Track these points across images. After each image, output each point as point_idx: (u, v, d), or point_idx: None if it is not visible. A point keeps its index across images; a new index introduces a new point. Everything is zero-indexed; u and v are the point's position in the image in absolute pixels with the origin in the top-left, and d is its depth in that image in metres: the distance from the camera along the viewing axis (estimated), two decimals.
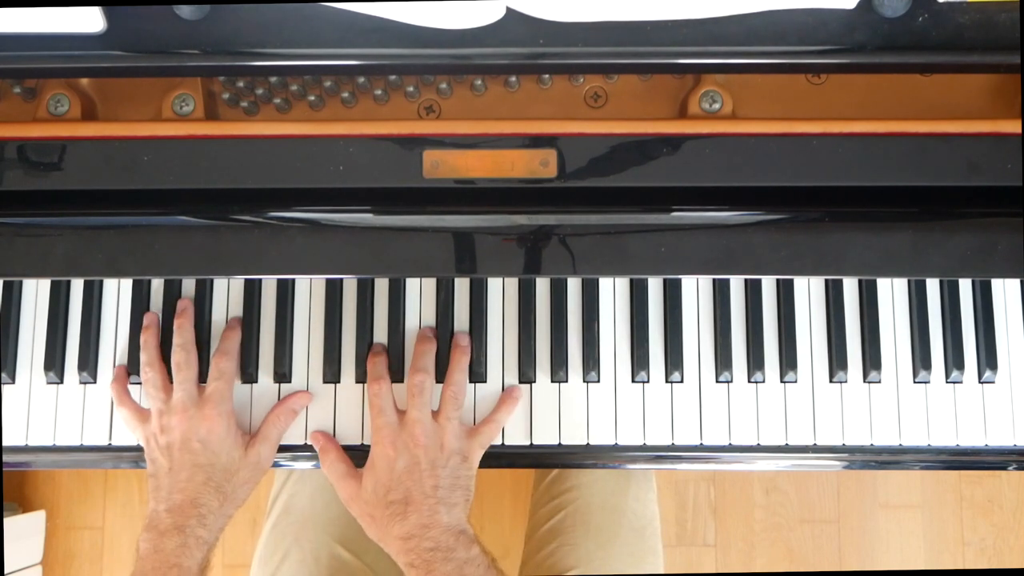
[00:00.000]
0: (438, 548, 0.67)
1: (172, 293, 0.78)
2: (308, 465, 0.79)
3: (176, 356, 0.74)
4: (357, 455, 0.76)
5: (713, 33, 0.62)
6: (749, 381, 0.77)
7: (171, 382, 0.74)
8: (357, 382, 0.77)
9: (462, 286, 0.78)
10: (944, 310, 0.77)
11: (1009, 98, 0.70)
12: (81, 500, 1.52)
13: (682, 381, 0.77)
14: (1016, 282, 0.77)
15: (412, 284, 0.78)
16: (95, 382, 0.78)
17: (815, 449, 0.76)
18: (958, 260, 0.68)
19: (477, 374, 0.76)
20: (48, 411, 0.77)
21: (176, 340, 0.75)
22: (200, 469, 0.70)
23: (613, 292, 0.78)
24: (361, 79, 0.70)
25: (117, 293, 0.79)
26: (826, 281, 0.77)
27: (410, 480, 0.69)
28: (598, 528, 0.87)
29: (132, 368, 0.78)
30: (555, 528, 0.88)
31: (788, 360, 0.76)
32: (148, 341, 0.76)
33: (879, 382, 0.76)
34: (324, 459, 0.75)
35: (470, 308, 0.77)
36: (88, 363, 0.77)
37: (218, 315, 0.78)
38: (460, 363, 0.75)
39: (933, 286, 0.77)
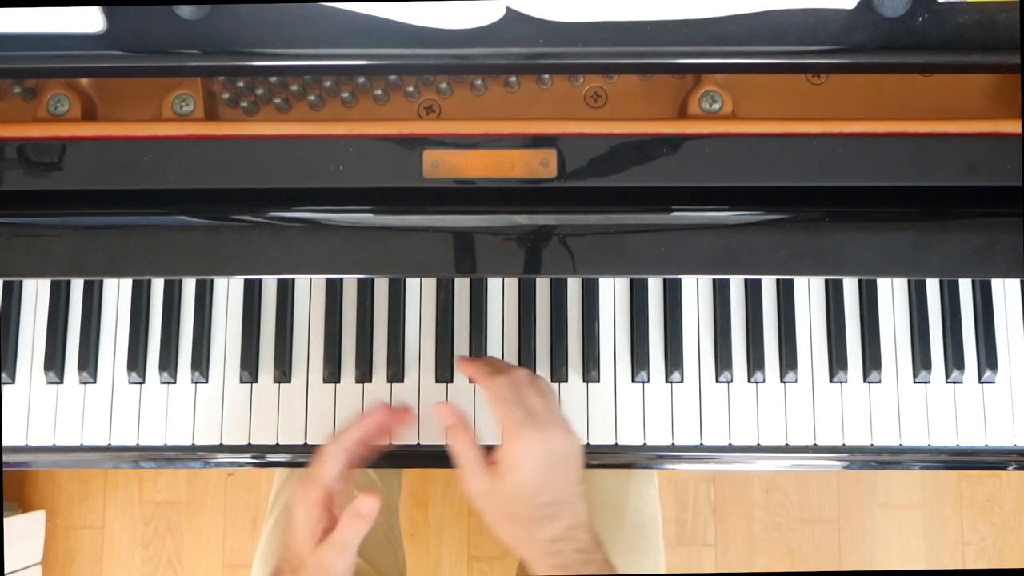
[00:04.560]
0: (583, 549, 0.63)
1: (172, 293, 0.78)
2: None
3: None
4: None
5: (713, 33, 0.62)
6: (749, 381, 0.77)
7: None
8: (357, 382, 0.77)
9: (462, 285, 0.78)
10: (944, 310, 0.77)
11: (1009, 98, 0.70)
12: (81, 500, 1.52)
13: (682, 381, 0.77)
14: (1016, 282, 0.77)
15: (412, 284, 0.78)
16: (95, 382, 0.78)
17: (815, 449, 0.76)
18: (958, 260, 0.68)
19: None
20: (48, 411, 0.77)
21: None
22: None
23: (613, 292, 0.78)
24: (361, 79, 0.70)
25: (117, 293, 0.79)
26: (826, 281, 0.77)
27: (562, 477, 0.64)
28: (600, 525, 0.86)
29: (131, 366, 0.77)
30: None
31: (788, 360, 0.76)
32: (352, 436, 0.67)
33: (879, 382, 0.76)
34: (458, 439, 0.65)
35: (470, 307, 0.77)
36: (88, 363, 0.77)
37: (218, 315, 0.78)
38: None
39: (933, 286, 0.77)
